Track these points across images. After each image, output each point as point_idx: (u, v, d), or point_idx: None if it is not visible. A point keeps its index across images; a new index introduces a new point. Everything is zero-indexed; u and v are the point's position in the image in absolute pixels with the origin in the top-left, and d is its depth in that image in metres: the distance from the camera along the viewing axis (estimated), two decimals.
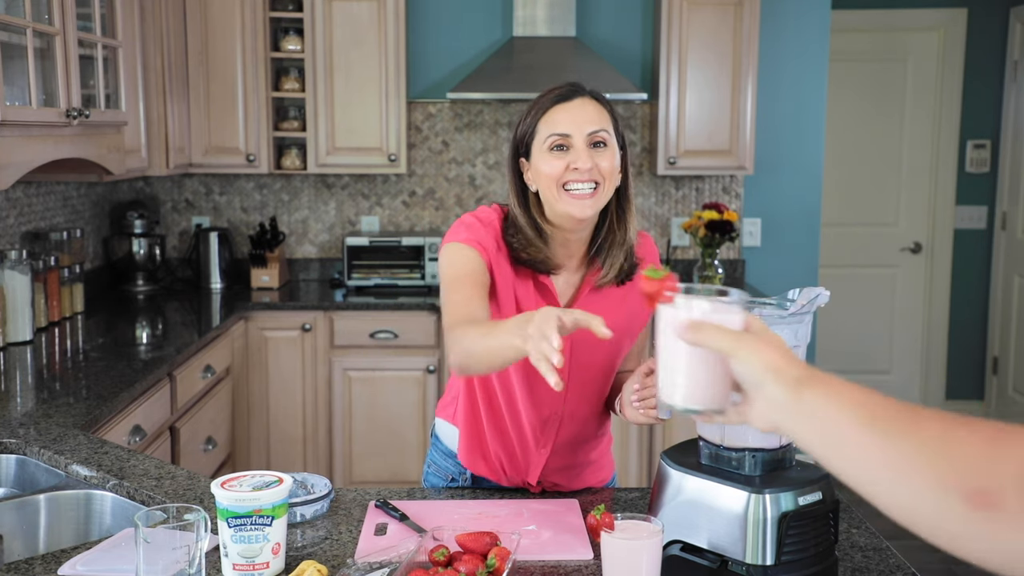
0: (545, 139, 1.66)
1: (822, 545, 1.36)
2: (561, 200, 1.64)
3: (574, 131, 1.64)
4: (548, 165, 1.65)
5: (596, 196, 1.65)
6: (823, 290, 1.38)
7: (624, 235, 1.72)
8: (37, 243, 3.57)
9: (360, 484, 4.04)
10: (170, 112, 3.89)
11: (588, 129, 1.64)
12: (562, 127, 1.65)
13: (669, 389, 0.99)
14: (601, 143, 1.65)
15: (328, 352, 4.02)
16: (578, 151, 1.63)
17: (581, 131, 1.64)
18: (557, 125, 1.65)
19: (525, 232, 1.69)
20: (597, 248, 1.73)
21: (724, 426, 1.39)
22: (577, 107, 1.66)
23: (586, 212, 1.64)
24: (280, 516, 1.42)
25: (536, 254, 1.69)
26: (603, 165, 1.64)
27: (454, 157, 4.56)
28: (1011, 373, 5.41)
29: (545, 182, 1.66)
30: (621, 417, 1.71)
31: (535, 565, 1.50)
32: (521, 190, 1.72)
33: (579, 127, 1.64)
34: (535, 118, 1.68)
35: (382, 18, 4.15)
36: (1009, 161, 5.40)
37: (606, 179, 1.65)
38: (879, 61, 5.52)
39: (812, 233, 4.65)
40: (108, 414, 2.42)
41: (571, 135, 1.64)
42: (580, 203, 1.63)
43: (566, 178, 1.64)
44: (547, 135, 1.66)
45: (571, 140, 1.64)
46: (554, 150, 1.65)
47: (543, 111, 1.67)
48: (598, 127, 1.65)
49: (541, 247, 1.69)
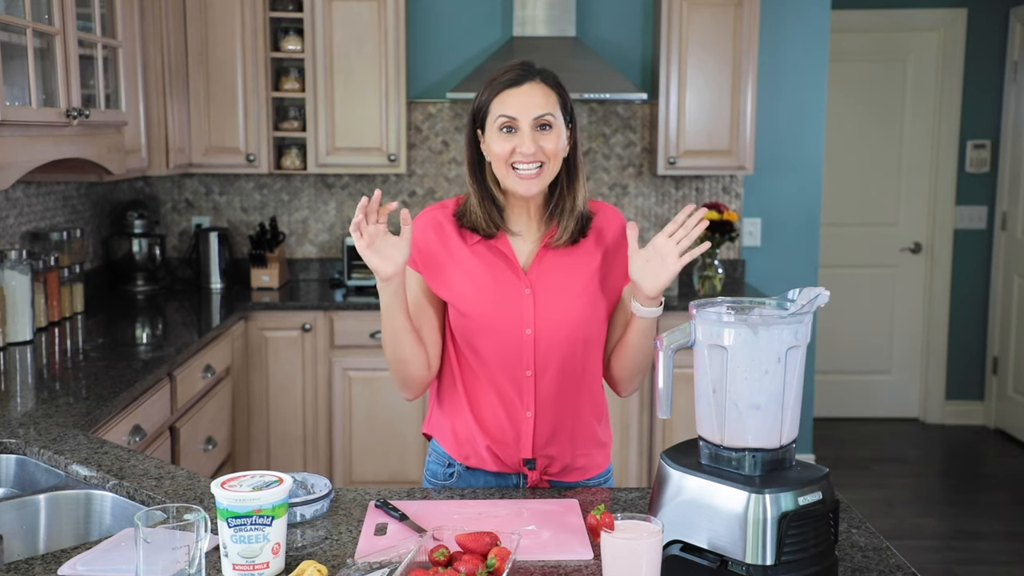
0: (495, 119, 1.80)
1: (822, 545, 1.36)
2: (509, 178, 1.81)
3: (520, 115, 1.78)
4: (498, 145, 1.80)
5: (540, 175, 1.80)
6: (823, 290, 1.38)
7: (574, 202, 1.86)
8: (37, 243, 3.57)
9: (360, 484, 4.04)
10: (170, 112, 3.89)
11: (534, 114, 1.78)
12: (510, 110, 1.79)
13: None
14: (547, 125, 1.80)
15: (328, 352, 4.02)
16: (523, 135, 1.78)
17: (527, 116, 1.78)
18: (506, 108, 1.79)
19: (471, 200, 1.86)
20: (551, 212, 1.87)
21: (724, 426, 1.39)
22: (525, 92, 1.80)
23: (531, 190, 1.80)
24: (280, 516, 1.42)
25: (473, 223, 1.85)
26: (547, 147, 1.79)
27: (454, 157, 4.56)
28: (1011, 373, 5.41)
29: (495, 159, 1.81)
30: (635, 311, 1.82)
31: (535, 565, 1.50)
32: (476, 159, 1.88)
33: (525, 112, 1.78)
34: (489, 97, 1.82)
35: (382, 18, 4.15)
36: (1009, 161, 5.40)
37: (550, 159, 1.80)
38: (879, 61, 5.53)
39: (812, 233, 4.65)
40: (108, 414, 2.42)
41: (518, 119, 1.78)
42: (526, 183, 1.79)
43: (513, 159, 1.79)
44: (497, 115, 1.80)
45: (518, 123, 1.79)
46: (503, 131, 1.80)
47: (495, 92, 1.81)
48: (543, 111, 1.79)
49: (482, 214, 1.85)
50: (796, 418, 1.42)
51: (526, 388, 1.87)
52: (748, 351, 1.36)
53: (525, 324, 1.83)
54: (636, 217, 4.55)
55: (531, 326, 1.83)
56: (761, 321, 1.36)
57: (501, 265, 1.86)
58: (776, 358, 1.36)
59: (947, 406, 5.68)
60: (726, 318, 1.38)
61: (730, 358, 1.38)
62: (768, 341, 1.36)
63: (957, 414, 5.67)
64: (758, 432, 1.38)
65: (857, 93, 5.53)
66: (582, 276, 1.87)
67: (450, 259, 1.87)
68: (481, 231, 1.86)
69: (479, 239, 1.87)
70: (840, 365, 5.65)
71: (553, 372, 1.86)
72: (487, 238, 1.86)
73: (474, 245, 1.87)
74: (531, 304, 1.83)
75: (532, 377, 1.86)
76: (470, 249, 1.87)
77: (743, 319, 1.37)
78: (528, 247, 1.88)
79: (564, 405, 1.89)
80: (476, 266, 1.86)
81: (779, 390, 1.37)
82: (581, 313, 1.86)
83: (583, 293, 1.86)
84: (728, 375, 1.38)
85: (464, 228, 1.88)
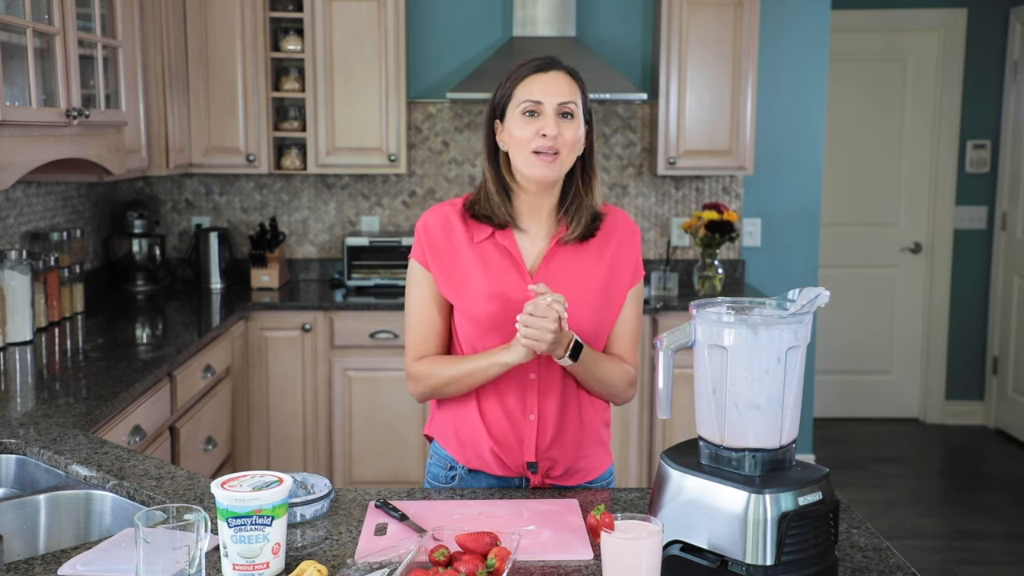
0: (519, 104, 1.81)
1: (822, 545, 1.36)
2: (528, 163, 1.81)
3: (546, 99, 1.80)
4: (519, 129, 1.81)
5: (556, 161, 1.80)
6: (823, 290, 1.38)
7: (591, 200, 1.88)
8: (37, 243, 3.57)
9: (360, 484, 4.04)
10: (170, 112, 3.90)
11: (558, 100, 1.80)
12: (536, 95, 1.81)
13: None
14: (569, 114, 1.82)
15: (328, 352, 4.02)
16: (547, 117, 1.79)
17: (552, 100, 1.80)
18: (531, 92, 1.81)
19: (488, 187, 1.87)
20: (565, 209, 1.88)
21: (724, 426, 1.39)
22: (551, 79, 1.82)
23: (548, 175, 1.81)
24: (280, 516, 1.42)
25: (489, 209, 1.86)
26: (567, 135, 1.80)
27: (454, 157, 4.57)
28: (1011, 373, 5.41)
29: (515, 144, 1.82)
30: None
31: (535, 565, 1.50)
32: (493, 150, 1.88)
33: (551, 96, 1.80)
34: (513, 84, 1.84)
35: (382, 18, 4.15)
36: (1009, 161, 5.40)
37: (567, 147, 1.81)
38: (879, 61, 5.52)
39: (812, 233, 4.65)
40: (108, 414, 2.42)
41: (543, 103, 1.80)
42: (543, 168, 1.80)
43: (535, 144, 1.79)
44: (521, 100, 1.81)
45: (542, 107, 1.80)
46: (526, 115, 1.81)
47: (520, 79, 1.83)
48: (568, 99, 1.81)
49: (499, 203, 1.85)
50: (796, 418, 1.42)
51: (530, 391, 1.86)
52: (748, 351, 1.36)
53: None
54: (636, 217, 4.55)
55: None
56: (761, 321, 1.36)
57: (507, 265, 1.86)
58: (776, 358, 1.36)
59: (947, 406, 5.68)
60: (726, 318, 1.38)
61: (730, 358, 1.38)
62: (768, 341, 1.36)
63: (957, 414, 5.67)
64: (758, 432, 1.38)
65: (857, 93, 5.53)
66: (589, 279, 1.87)
67: (456, 258, 1.87)
68: (495, 219, 1.85)
69: (486, 236, 1.86)
70: (840, 365, 5.65)
71: (557, 375, 1.86)
72: (498, 228, 1.86)
73: (480, 243, 1.87)
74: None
75: (536, 380, 1.86)
76: (476, 247, 1.87)
77: (743, 319, 1.37)
78: (537, 247, 1.88)
79: (568, 408, 1.88)
80: (482, 265, 1.86)
81: (779, 390, 1.38)
82: (586, 316, 1.85)
83: (589, 296, 1.86)
84: (728, 375, 1.38)
85: (473, 221, 1.87)
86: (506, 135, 1.84)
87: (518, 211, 1.88)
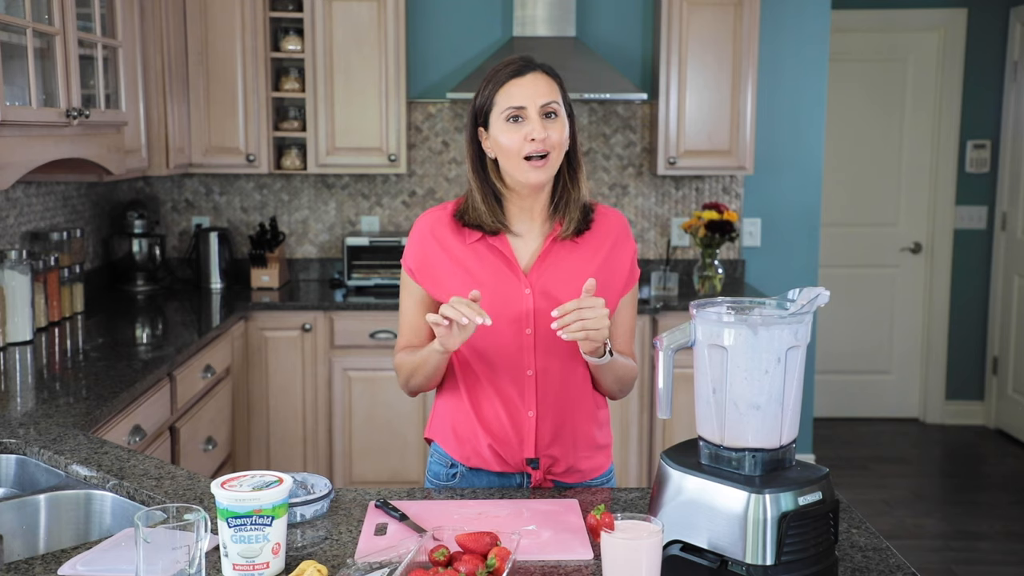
0: (503, 111, 1.81)
1: (822, 545, 1.36)
2: (520, 169, 1.81)
3: (528, 103, 1.80)
4: (506, 137, 1.81)
5: (547, 164, 1.81)
6: (823, 290, 1.38)
7: (578, 192, 1.89)
8: (37, 243, 3.57)
9: (360, 484, 4.04)
10: (170, 112, 3.89)
11: (540, 101, 1.81)
12: (517, 100, 1.81)
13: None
14: (552, 114, 1.82)
15: (328, 352, 4.02)
16: (533, 121, 1.80)
17: (534, 103, 1.80)
18: (513, 98, 1.81)
19: (475, 196, 1.87)
20: (555, 206, 1.89)
21: (724, 426, 1.39)
22: (530, 81, 1.82)
23: (540, 179, 1.81)
24: (280, 516, 1.42)
25: (478, 219, 1.86)
26: (553, 136, 1.81)
27: (454, 157, 4.57)
28: (1011, 373, 5.41)
29: (505, 152, 1.82)
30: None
31: (535, 565, 1.50)
32: (478, 157, 1.88)
33: (533, 100, 1.80)
34: (493, 90, 1.84)
35: (382, 18, 4.15)
36: (1009, 161, 5.40)
37: (556, 148, 1.82)
38: (879, 61, 5.52)
39: (812, 233, 4.65)
40: (108, 414, 2.42)
41: (526, 107, 1.80)
42: (536, 172, 1.81)
43: (526, 149, 1.80)
44: (504, 107, 1.81)
45: (526, 112, 1.80)
46: (511, 121, 1.81)
47: (500, 85, 1.83)
48: (549, 99, 1.82)
49: (487, 210, 1.86)
50: (796, 418, 1.42)
51: (527, 388, 1.87)
52: (748, 351, 1.36)
53: (525, 324, 1.84)
54: (636, 217, 4.55)
55: (531, 326, 1.84)
56: (761, 321, 1.36)
57: (500, 264, 1.86)
58: (776, 358, 1.37)
59: (947, 406, 5.68)
60: (726, 318, 1.38)
61: (730, 358, 1.38)
62: (768, 341, 1.36)
63: (957, 414, 5.67)
64: (758, 432, 1.38)
65: (857, 93, 5.53)
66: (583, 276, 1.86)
67: (448, 260, 1.88)
68: (485, 227, 1.86)
69: (478, 238, 1.87)
70: (840, 365, 5.65)
71: (554, 372, 1.87)
72: (490, 235, 1.86)
73: (473, 244, 1.87)
74: (531, 304, 1.84)
75: (533, 377, 1.86)
76: (469, 248, 1.87)
77: (743, 319, 1.37)
78: (531, 247, 1.89)
79: (566, 404, 1.89)
80: (475, 266, 1.86)
81: (779, 390, 1.38)
82: None
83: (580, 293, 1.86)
84: (728, 375, 1.38)
85: (465, 227, 1.88)
86: (492, 143, 1.84)
87: (510, 215, 1.88)
